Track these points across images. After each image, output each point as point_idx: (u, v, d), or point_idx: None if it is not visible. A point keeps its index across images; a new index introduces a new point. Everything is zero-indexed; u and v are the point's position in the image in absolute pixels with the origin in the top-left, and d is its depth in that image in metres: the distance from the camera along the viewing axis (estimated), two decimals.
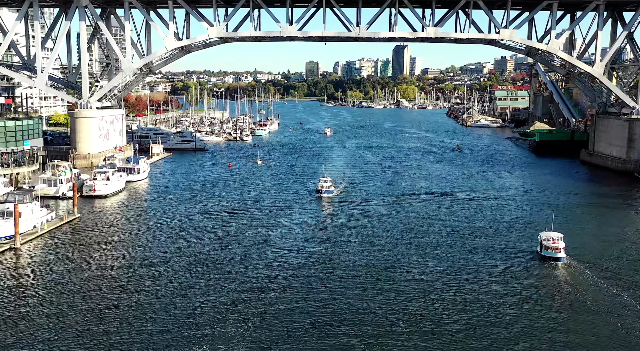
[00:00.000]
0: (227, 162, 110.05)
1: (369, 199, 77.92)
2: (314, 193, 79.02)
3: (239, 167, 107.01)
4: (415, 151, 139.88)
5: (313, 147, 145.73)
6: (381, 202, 76.42)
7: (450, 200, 78.82)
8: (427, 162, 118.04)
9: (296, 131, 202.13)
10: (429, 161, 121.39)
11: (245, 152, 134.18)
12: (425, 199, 79.54)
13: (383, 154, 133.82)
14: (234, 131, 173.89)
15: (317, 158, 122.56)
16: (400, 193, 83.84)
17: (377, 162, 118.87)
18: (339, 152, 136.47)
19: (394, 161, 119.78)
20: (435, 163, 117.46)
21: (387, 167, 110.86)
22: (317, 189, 77.67)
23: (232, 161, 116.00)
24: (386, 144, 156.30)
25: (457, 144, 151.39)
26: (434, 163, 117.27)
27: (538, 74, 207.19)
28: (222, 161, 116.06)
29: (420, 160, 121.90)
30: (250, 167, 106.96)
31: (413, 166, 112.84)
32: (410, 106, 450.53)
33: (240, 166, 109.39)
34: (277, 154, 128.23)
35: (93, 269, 47.86)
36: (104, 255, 51.86)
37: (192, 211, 69.91)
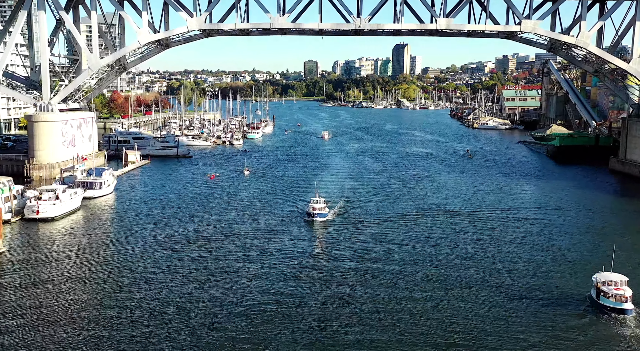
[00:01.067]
0: (209, 174, 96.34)
1: (371, 222, 64.30)
2: (304, 215, 65.36)
3: (222, 179, 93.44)
4: (421, 158, 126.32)
5: (309, 154, 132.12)
6: (386, 226, 62.87)
7: (470, 222, 65.26)
8: (436, 172, 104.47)
9: (292, 133, 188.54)
10: (438, 169, 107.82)
11: (233, 159, 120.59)
12: (440, 221, 65.98)
13: (386, 161, 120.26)
14: (224, 135, 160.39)
15: (313, 167, 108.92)
16: (409, 212, 70.29)
17: (380, 171, 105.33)
18: (338, 159, 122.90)
19: (399, 170, 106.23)
20: (446, 172, 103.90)
21: (391, 177, 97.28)
22: (308, 213, 63.81)
23: (216, 170, 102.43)
24: (389, 149, 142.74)
25: (467, 149, 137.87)
26: (445, 172, 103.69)
27: (550, 73, 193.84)
28: (205, 170, 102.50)
29: (428, 169, 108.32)
30: (235, 179, 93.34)
31: (421, 176, 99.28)
32: (412, 106, 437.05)
33: (224, 177, 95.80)
34: (268, 162, 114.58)
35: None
36: (8, 318, 38.21)
37: (155, 239, 56.29)
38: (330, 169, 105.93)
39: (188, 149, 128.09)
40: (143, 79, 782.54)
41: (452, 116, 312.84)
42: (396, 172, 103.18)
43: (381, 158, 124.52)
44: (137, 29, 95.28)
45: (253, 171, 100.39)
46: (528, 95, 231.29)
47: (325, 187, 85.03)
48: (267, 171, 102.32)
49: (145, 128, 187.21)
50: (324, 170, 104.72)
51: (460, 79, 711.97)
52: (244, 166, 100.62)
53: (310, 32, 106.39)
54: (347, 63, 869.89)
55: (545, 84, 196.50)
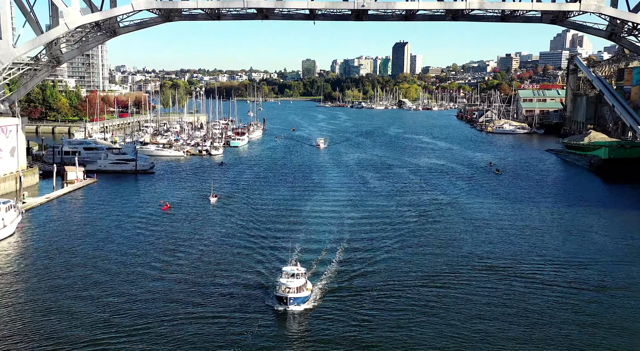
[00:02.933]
0: (163, 202, 72.29)
1: (382, 304, 40.13)
2: (272, 299, 39.57)
3: (180, 208, 69.82)
4: (437, 173, 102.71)
5: (299, 168, 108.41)
6: (410, 309, 39.14)
7: (535, 290, 41.75)
8: (461, 195, 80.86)
9: (283, 139, 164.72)
10: (462, 191, 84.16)
11: (204, 175, 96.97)
12: (491, 290, 42.30)
13: (395, 177, 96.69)
14: (202, 142, 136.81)
15: (302, 189, 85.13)
16: (442, 271, 46.72)
17: (388, 194, 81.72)
18: (334, 175, 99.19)
19: (413, 193, 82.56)
20: (474, 196, 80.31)
21: (405, 205, 73.59)
22: (279, 297, 38.55)
23: (177, 194, 78.92)
24: (396, 161, 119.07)
25: (490, 162, 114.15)
26: (473, 197, 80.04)
27: (577, 70, 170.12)
28: (164, 193, 79.01)
29: (450, 190, 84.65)
30: (195, 210, 69.59)
31: (443, 202, 75.64)
32: (414, 106, 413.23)
33: (183, 205, 72.12)
34: (246, 182, 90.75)
35: None
36: None
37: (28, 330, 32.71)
38: (323, 192, 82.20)
39: (151, 162, 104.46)
40: (137, 78, 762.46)
41: (459, 118, 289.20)
42: (410, 196, 79.53)
43: (388, 174, 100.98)
44: (64, 8, 71.40)
45: (222, 197, 76.50)
46: (547, 95, 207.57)
47: (314, 224, 61.81)
48: (241, 196, 78.37)
49: (115, 134, 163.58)
50: (316, 194, 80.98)
51: (463, 78, 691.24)
52: (211, 192, 76.27)
53: (298, 16, 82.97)
54: (345, 62, 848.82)
55: (571, 83, 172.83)
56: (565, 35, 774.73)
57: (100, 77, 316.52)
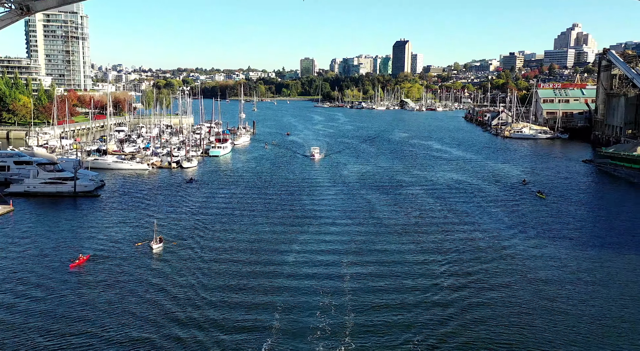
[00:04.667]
0: (81, 256, 49.82)
1: None
2: None
3: (99, 262, 48.10)
4: (462, 195, 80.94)
5: (287, 188, 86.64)
6: None
7: None
8: (504, 234, 59.11)
9: (273, 147, 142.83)
10: (504, 227, 62.35)
11: (165, 199, 75.36)
12: None
13: (409, 203, 74.90)
14: (177, 151, 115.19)
15: (287, 224, 63.12)
16: None
17: (403, 230, 60.04)
18: (331, 200, 77.24)
19: (435, 226, 60.81)
20: (525, 236, 58.42)
21: (430, 252, 51.97)
22: None
23: (113, 232, 57.31)
24: (407, 177, 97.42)
25: (523, 179, 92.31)
26: (523, 237, 58.08)
27: (611, 66, 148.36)
28: (94, 231, 57.53)
29: (487, 227, 62.68)
30: (121, 267, 47.54)
31: (484, 247, 53.83)
32: (417, 107, 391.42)
33: (109, 255, 50.42)
34: (213, 212, 68.74)
35: None
36: None
37: None
38: (315, 228, 60.44)
39: (100, 180, 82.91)
40: (131, 77, 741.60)
41: (468, 120, 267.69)
42: (433, 234, 57.87)
43: (399, 196, 79.30)
44: None
45: (171, 241, 54.75)
46: (570, 95, 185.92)
47: (298, 293, 40.34)
48: (200, 237, 56.26)
49: (80, 139, 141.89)
50: (305, 231, 59.23)
51: (465, 77, 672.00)
52: (154, 232, 54.31)
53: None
54: (345, 61, 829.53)
55: (604, 82, 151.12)
56: (570, 33, 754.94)
57: (81, 76, 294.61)
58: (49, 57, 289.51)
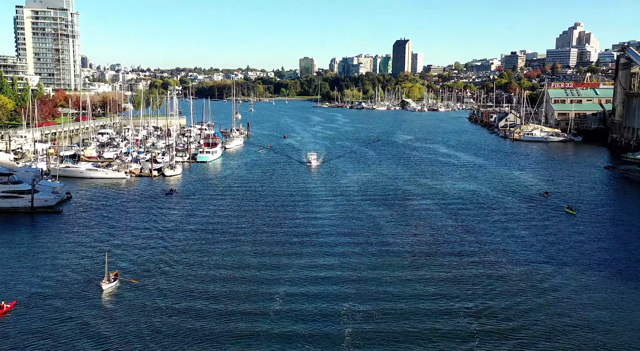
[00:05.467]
0: (1, 304, 39.22)
1: None
2: None
3: (28, 310, 38.05)
4: (478, 209, 70.65)
5: (279, 202, 76.35)
6: None
7: None
8: (535, 261, 48.87)
9: (268, 151, 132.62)
10: (533, 252, 51.95)
11: (137, 215, 65.22)
12: None
13: (419, 221, 64.63)
14: (162, 157, 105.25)
15: (276, 252, 52.76)
16: None
17: (415, 258, 49.86)
18: (329, 217, 66.81)
19: (456, 254, 50.72)
20: (564, 272, 48.17)
21: (448, 281, 41.86)
22: None
23: (64, 261, 47.21)
24: (415, 187, 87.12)
25: (545, 192, 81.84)
26: (561, 272, 47.73)
27: (631, 64, 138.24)
28: (43, 260, 47.49)
29: (513, 250, 52.23)
30: (51, 322, 37.62)
31: (521, 284, 43.62)
32: (419, 107, 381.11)
33: (46, 298, 40.24)
34: (189, 234, 58.15)
35: None
36: None
37: None
38: (308, 260, 50.15)
39: (65, 192, 72.82)
40: (128, 77, 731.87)
41: (472, 121, 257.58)
42: (448, 264, 47.72)
43: (406, 211, 69.06)
44: None
45: (128, 279, 44.54)
46: (583, 95, 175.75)
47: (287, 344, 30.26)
48: (164, 275, 45.58)
49: (59, 143, 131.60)
50: (298, 258, 49.02)
51: (466, 77, 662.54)
52: (105, 268, 44.04)
53: None
54: (344, 60, 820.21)
55: (622, 81, 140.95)
56: (572, 32, 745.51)
57: (71, 75, 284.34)
58: (38, 55, 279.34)
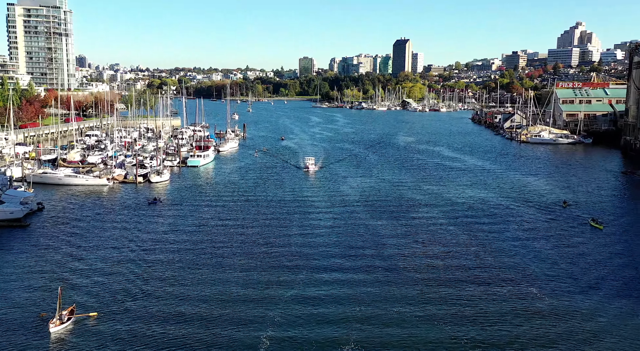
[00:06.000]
0: None
1: None
2: None
3: None
4: (493, 221, 63.89)
5: (272, 215, 69.58)
6: None
7: None
8: (571, 296, 42.19)
9: (264, 155, 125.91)
10: (562, 278, 45.20)
11: (109, 232, 58.50)
12: None
13: (427, 235, 57.89)
14: (150, 160, 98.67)
15: (262, 282, 46.08)
16: None
17: (426, 285, 43.16)
18: (327, 232, 59.98)
19: (476, 288, 43.96)
20: (600, 300, 41.61)
21: (471, 342, 35.27)
22: None
23: (14, 291, 40.58)
24: (420, 195, 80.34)
25: (564, 201, 74.93)
26: (596, 301, 41.18)
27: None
28: (3, 280, 40.93)
29: (540, 277, 45.43)
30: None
31: (551, 317, 36.98)
32: (420, 107, 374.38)
33: None
34: (168, 255, 51.29)
35: None
36: None
37: None
38: (301, 289, 43.41)
39: (37, 203, 66.20)
40: (126, 76, 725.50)
41: (475, 122, 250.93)
42: (465, 292, 41.08)
43: (411, 223, 62.34)
44: None
45: (85, 316, 37.86)
46: (592, 95, 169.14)
47: None
48: (130, 309, 38.70)
49: (43, 145, 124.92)
50: (284, 296, 42.30)
51: (467, 77, 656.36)
52: (57, 307, 37.31)
53: None
54: (344, 60, 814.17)
55: (636, 80, 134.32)
56: (573, 32, 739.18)
57: (64, 74, 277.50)
58: (30, 54, 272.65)
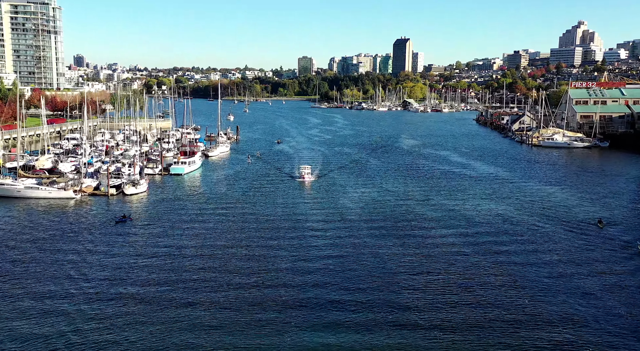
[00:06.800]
0: None
1: None
2: None
3: None
4: (518, 245, 53.88)
5: (259, 238, 59.52)
6: None
7: None
8: None
9: (257, 161, 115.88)
10: (625, 334, 35.65)
11: (58, 265, 48.48)
12: None
13: (441, 265, 47.86)
14: (129, 168, 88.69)
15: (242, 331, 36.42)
16: None
17: (443, 334, 33.28)
18: (322, 260, 49.74)
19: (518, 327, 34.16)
20: None
21: None
22: None
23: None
24: (429, 211, 70.25)
25: (598, 219, 64.83)
26: None
27: None
28: None
29: (593, 330, 35.80)
30: None
31: None
32: (422, 108, 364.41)
33: None
34: (126, 299, 41.56)
35: None
36: None
37: None
38: (296, 332, 33.58)
39: None
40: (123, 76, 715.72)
41: (480, 123, 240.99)
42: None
43: (422, 246, 52.29)
44: None
45: None
46: (607, 95, 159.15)
47: None
48: None
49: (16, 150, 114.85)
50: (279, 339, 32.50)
51: (468, 76, 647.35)
52: None
53: None
54: (344, 59, 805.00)
55: None
56: (575, 31, 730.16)
57: (54, 73, 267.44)
58: (17, 52, 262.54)
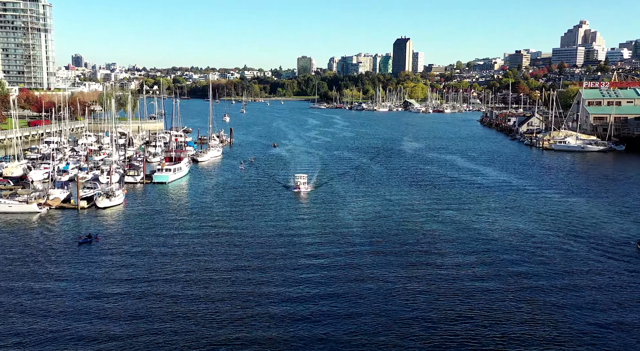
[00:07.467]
0: None
1: None
2: None
3: None
4: (551, 274, 45.65)
5: (245, 263, 51.20)
6: None
7: None
8: None
9: (250, 167, 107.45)
10: None
11: (12, 290, 40.17)
12: None
13: (456, 299, 39.60)
14: (106, 177, 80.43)
15: None
16: None
17: None
18: (317, 292, 41.31)
19: None
20: None
21: None
22: None
23: None
24: (439, 226, 61.89)
25: (639, 241, 56.66)
26: None
27: None
28: None
29: None
30: None
31: None
32: (423, 108, 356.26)
33: None
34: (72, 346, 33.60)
35: None
36: None
37: None
38: None
39: None
40: (120, 75, 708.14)
41: (485, 124, 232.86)
42: None
43: (437, 277, 44.06)
44: None
45: None
46: (622, 96, 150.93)
47: None
48: None
49: None
50: None
51: (469, 76, 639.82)
52: None
53: None
54: (343, 59, 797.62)
55: None
56: (577, 31, 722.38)
57: (44, 73, 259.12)
58: (6, 51, 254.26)
